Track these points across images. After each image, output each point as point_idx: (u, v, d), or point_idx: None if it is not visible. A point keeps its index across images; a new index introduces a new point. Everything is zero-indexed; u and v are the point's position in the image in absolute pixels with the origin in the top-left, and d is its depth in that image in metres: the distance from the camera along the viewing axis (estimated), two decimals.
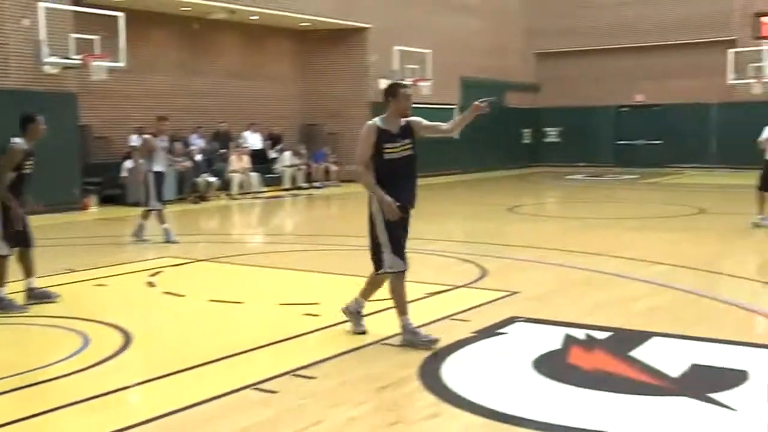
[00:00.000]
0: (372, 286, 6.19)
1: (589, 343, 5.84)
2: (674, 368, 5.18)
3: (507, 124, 29.11)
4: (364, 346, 5.83)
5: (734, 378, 5.00)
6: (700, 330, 6.25)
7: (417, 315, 6.31)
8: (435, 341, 5.75)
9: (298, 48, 24.42)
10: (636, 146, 29.99)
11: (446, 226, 14.17)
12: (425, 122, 6.06)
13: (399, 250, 5.83)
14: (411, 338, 5.82)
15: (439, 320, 6.45)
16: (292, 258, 10.47)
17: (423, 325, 6.04)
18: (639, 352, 5.56)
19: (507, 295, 7.51)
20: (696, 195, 19.42)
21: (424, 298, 7.39)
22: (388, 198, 5.75)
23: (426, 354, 5.57)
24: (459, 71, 26.66)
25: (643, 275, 8.57)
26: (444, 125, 6.12)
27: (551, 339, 5.91)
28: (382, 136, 5.81)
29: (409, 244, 5.99)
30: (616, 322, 6.52)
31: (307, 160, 22.72)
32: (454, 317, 6.62)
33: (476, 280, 8.22)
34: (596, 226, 13.48)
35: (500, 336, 6.12)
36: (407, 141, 5.88)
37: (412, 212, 6.00)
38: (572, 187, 23.13)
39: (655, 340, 5.92)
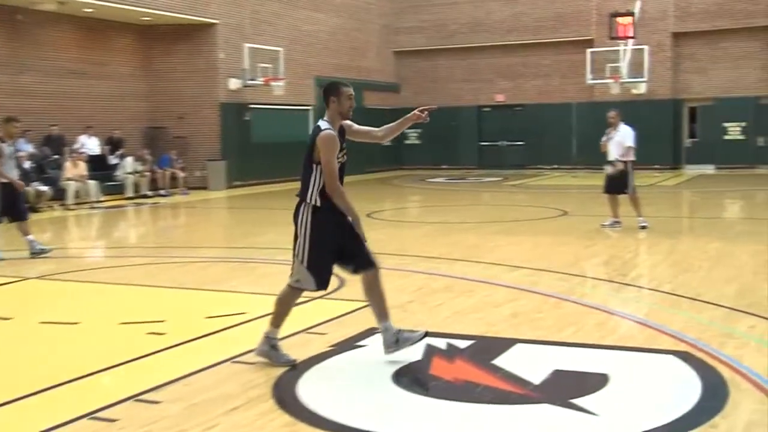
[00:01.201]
0: (371, 292, 5.84)
1: (451, 353, 5.96)
2: (537, 375, 5.36)
3: (365, 125, 29.34)
4: (213, 366, 5.72)
5: (595, 382, 5.23)
6: (562, 335, 6.51)
7: None
8: (293, 363, 5.68)
9: (140, 44, 23.77)
10: (499, 147, 30.99)
11: None
12: (356, 126, 5.95)
13: (317, 270, 5.65)
14: (269, 352, 5.73)
15: (294, 334, 6.42)
16: (135, 272, 10.16)
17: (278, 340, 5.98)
18: (502, 360, 5.72)
19: (366, 306, 7.52)
20: (559, 197, 20.26)
21: None
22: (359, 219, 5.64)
23: (281, 371, 5.54)
24: (314, 70, 26.73)
25: (506, 280, 8.84)
26: (378, 131, 6.06)
27: (412, 350, 5.96)
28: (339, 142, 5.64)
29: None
30: (479, 329, 6.69)
31: (152, 166, 22.18)
32: (310, 330, 6.62)
33: (333, 291, 8.16)
34: (459, 230, 13.81)
35: (359, 349, 6.16)
36: (345, 145, 5.76)
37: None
38: (434, 190, 23.62)
39: (518, 346, 6.12)
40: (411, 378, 5.44)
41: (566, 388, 5.13)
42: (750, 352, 5.82)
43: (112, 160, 21.70)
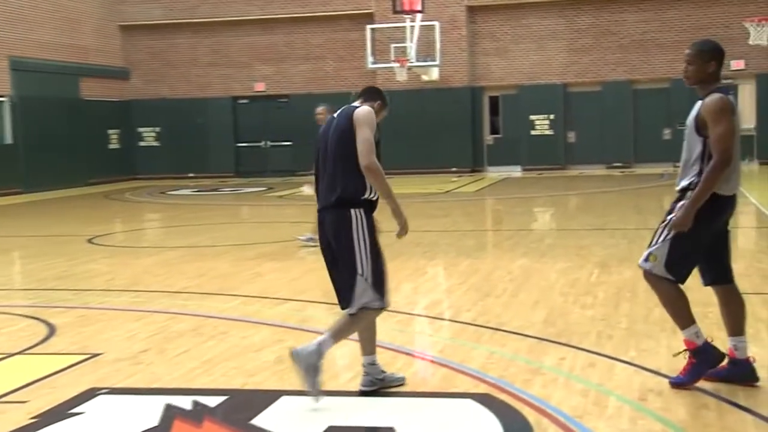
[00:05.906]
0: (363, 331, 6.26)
1: (198, 414, 5.93)
2: None
3: (85, 123, 28.67)
4: None
5: None
6: (338, 382, 6.64)
7: None
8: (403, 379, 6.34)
9: None
10: (261, 149, 31.18)
11: None
12: None
13: (382, 282, 6.11)
14: (383, 377, 6.24)
15: None
16: None
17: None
18: (263, 419, 5.78)
19: (85, 360, 7.39)
20: None
21: None
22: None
23: None
24: (8, 49, 25.71)
25: (270, 317, 8.92)
26: None
27: (146, 413, 5.90)
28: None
29: None
30: (234, 381, 6.70)
31: None
32: (4, 399, 6.36)
33: (39, 343, 8.00)
34: (209, 256, 13.75)
35: (74, 417, 5.99)
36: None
37: None
38: (178, 205, 23.43)
39: (283, 400, 6.21)
40: None
41: None
42: (558, 389, 6.18)
43: None
